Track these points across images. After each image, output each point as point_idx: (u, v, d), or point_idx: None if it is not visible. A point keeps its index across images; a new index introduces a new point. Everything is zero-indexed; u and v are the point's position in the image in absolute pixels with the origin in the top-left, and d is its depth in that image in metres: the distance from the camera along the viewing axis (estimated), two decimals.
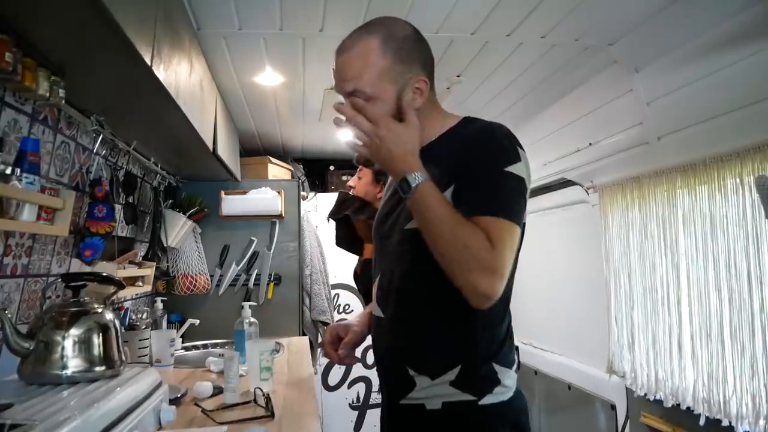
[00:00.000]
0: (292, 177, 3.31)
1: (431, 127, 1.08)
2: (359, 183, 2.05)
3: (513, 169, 0.96)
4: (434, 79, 1.10)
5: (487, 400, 0.99)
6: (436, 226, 0.93)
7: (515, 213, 0.95)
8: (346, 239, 2.08)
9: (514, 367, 1.05)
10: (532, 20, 1.70)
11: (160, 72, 1.28)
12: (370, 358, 3.46)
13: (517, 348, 1.09)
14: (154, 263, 2.17)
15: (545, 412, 2.95)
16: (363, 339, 1.22)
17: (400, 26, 1.06)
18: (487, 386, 0.99)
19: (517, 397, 1.04)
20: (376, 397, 3.48)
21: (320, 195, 3.53)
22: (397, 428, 1.09)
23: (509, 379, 1.02)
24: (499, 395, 1.00)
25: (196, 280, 2.65)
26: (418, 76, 1.04)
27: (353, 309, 3.53)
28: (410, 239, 1.03)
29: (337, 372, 3.48)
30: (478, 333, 1.01)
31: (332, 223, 2.16)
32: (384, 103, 1.02)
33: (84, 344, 0.99)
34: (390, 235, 1.10)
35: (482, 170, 0.97)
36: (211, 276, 2.77)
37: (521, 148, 1.00)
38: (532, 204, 1.01)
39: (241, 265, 2.83)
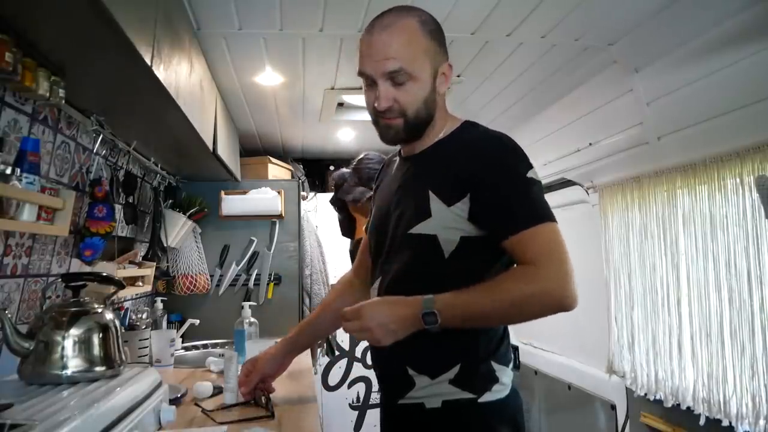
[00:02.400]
0: (292, 177, 3.31)
1: (437, 127, 1.09)
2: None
3: (532, 174, 0.99)
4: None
5: (486, 398, 0.99)
6: (482, 312, 0.95)
7: (549, 213, 0.97)
8: (344, 224, 2.15)
9: (511, 365, 1.06)
10: (532, 20, 1.70)
11: (160, 72, 1.28)
12: (370, 358, 3.46)
13: (516, 348, 1.09)
14: (154, 263, 2.17)
15: (545, 412, 2.95)
16: (276, 366, 1.38)
17: (427, 14, 1.08)
18: (486, 384, 1.00)
19: (514, 395, 1.04)
20: (376, 397, 3.48)
21: (320, 195, 3.53)
22: (395, 427, 1.10)
23: (507, 377, 1.03)
24: (498, 393, 1.01)
25: (196, 280, 2.65)
26: (446, 61, 1.06)
27: None
28: (411, 242, 1.03)
29: (337, 372, 3.48)
30: (476, 332, 1.01)
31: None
32: (423, 83, 1.02)
33: (84, 344, 0.99)
34: (390, 237, 1.10)
35: (505, 184, 0.98)
36: (211, 276, 2.77)
37: (525, 153, 1.02)
38: None
39: (241, 265, 2.83)
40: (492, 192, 0.97)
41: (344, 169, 2.13)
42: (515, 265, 0.99)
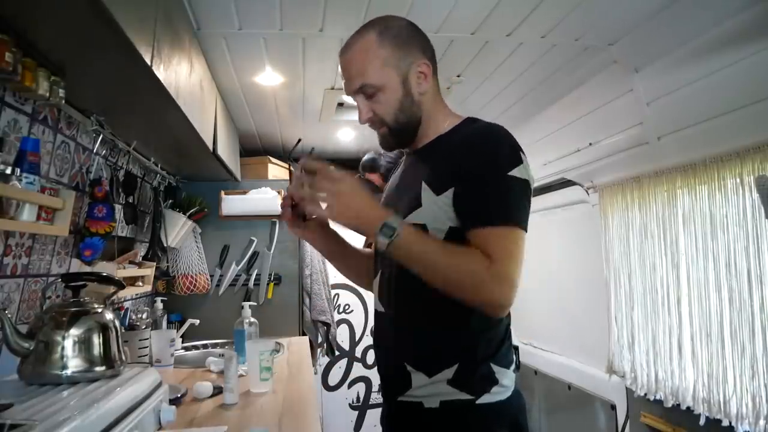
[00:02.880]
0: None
1: (437, 123, 1.10)
2: None
3: (516, 172, 0.97)
4: (437, 72, 1.12)
5: (485, 399, 0.99)
6: (431, 261, 0.94)
7: (521, 218, 0.97)
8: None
9: (513, 367, 1.06)
10: (532, 20, 1.70)
11: (160, 72, 1.28)
12: (370, 358, 3.47)
13: (516, 348, 1.09)
14: (154, 263, 2.17)
15: (545, 412, 2.95)
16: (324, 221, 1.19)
17: (395, 19, 1.10)
18: (484, 386, 1.00)
19: (515, 397, 1.04)
20: (376, 397, 3.48)
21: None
22: (395, 425, 1.10)
23: (507, 378, 1.03)
24: (497, 395, 1.00)
25: (196, 280, 2.65)
26: (419, 60, 1.06)
27: (353, 309, 3.54)
28: None
29: (337, 372, 3.48)
30: (476, 334, 1.01)
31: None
32: (391, 91, 1.05)
33: (84, 344, 0.98)
34: None
35: (485, 177, 0.98)
36: (211, 276, 2.77)
37: (521, 150, 1.01)
38: (532, 204, 1.02)
39: (241, 265, 2.83)
40: (472, 182, 0.98)
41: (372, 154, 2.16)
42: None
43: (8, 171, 1.12)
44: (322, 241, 1.21)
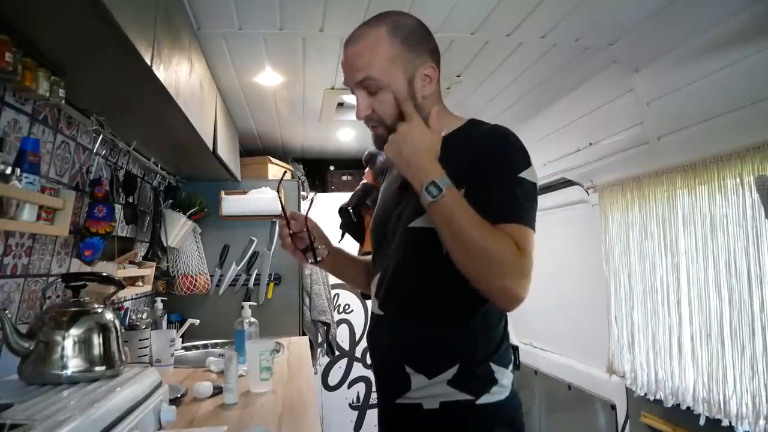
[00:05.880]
0: (292, 177, 3.31)
1: (439, 123, 1.08)
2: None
3: (526, 174, 0.97)
4: (440, 75, 1.10)
5: (485, 399, 0.99)
6: (466, 231, 0.91)
7: (532, 219, 0.96)
8: (355, 227, 2.12)
9: (511, 366, 1.06)
10: (532, 20, 1.70)
11: (160, 72, 1.28)
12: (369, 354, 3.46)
13: (516, 348, 1.09)
14: (154, 263, 2.17)
15: (545, 412, 2.95)
16: (327, 242, 1.24)
17: (407, 17, 1.08)
18: (484, 386, 0.99)
19: (513, 396, 1.04)
20: (376, 397, 3.48)
21: (320, 195, 3.53)
22: (393, 428, 1.09)
23: (506, 378, 1.03)
24: (496, 395, 1.00)
25: (196, 280, 2.65)
26: (426, 63, 1.05)
27: (353, 309, 3.54)
28: (413, 237, 1.03)
29: (337, 372, 3.48)
30: (476, 333, 1.01)
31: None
32: (396, 91, 1.02)
33: (84, 344, 0.98)
34: (391, 233, 1.10)
35: (499, 177, 0.97)
36: (211, 276, 2.77)
37: (527, 152, 1.01)
38: None
39: (241, 265, 2.83)
40: (483, 181, 0.97)
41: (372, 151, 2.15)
42: None
43: (8, 171, 1.12)
44: (329, 264, 1.24)
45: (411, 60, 1.03)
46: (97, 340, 1.00)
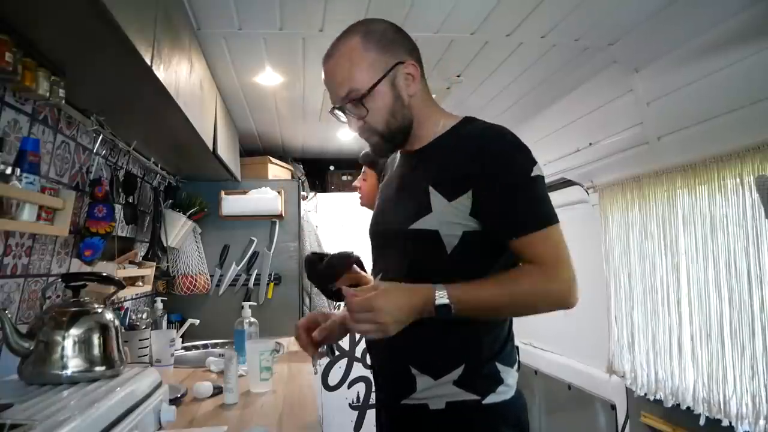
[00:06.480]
0: (292, 177, 3.30)
1: (431, 124, 1.08)
2: (365, 184, 2.02)
3: (537, 171, 0.98)
4: (425, 73, 1.09)
5: (491, 399, 0.99)
6: (497, 305, 0.96)
7: (552, 214, 0.98)
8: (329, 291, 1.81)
9: (515, 366, 1.06)
10: (532, 20, 1.70)
11: (160, 72, 1.28)
12: (369, 354, 3.46)
13: (517, 348, 1.09)
14: (154, 263, 2.17)
15: (545, 412, 2.95)
16: (336, 333, 1.21)
17: (377, 21, 1.07)
18: (490, 386, 0.99)
19: (518, 396, 1.04)
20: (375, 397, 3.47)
21: (320, 195, 3.53)
22: (398, 428, 1.09)
23: (511, 378, 1.03)
24: (502, 394, 1.00)
25: (196, 280, 2.65)
26: (406, 61, 1.04)
27: None
28: (412, 239, 1.03)
29: (337, 372, 3.47)
30: (481, 333, 1.01)
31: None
32: (381, 95, 1.02)
33: (84, 344, 0.98)
34: (390, 235, 1.09)
35: (513, 186, 0.97)
36: (211, 276, 2.77)
37: (528, 148, 1.01)
38: None
39: (241, 265, 2.83)
40: (497, 190, 0.96)
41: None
42: (521, 264, 0.98)
43: (8, 171, 1.12)
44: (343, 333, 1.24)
45: (389, 62, 1.03)
46: (97, 340, 1.00)
